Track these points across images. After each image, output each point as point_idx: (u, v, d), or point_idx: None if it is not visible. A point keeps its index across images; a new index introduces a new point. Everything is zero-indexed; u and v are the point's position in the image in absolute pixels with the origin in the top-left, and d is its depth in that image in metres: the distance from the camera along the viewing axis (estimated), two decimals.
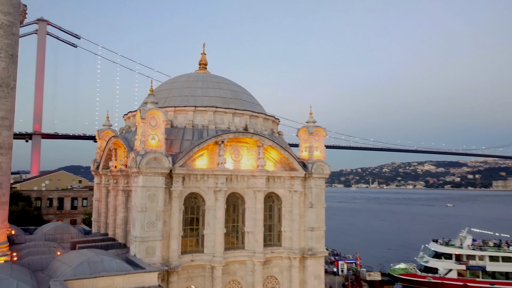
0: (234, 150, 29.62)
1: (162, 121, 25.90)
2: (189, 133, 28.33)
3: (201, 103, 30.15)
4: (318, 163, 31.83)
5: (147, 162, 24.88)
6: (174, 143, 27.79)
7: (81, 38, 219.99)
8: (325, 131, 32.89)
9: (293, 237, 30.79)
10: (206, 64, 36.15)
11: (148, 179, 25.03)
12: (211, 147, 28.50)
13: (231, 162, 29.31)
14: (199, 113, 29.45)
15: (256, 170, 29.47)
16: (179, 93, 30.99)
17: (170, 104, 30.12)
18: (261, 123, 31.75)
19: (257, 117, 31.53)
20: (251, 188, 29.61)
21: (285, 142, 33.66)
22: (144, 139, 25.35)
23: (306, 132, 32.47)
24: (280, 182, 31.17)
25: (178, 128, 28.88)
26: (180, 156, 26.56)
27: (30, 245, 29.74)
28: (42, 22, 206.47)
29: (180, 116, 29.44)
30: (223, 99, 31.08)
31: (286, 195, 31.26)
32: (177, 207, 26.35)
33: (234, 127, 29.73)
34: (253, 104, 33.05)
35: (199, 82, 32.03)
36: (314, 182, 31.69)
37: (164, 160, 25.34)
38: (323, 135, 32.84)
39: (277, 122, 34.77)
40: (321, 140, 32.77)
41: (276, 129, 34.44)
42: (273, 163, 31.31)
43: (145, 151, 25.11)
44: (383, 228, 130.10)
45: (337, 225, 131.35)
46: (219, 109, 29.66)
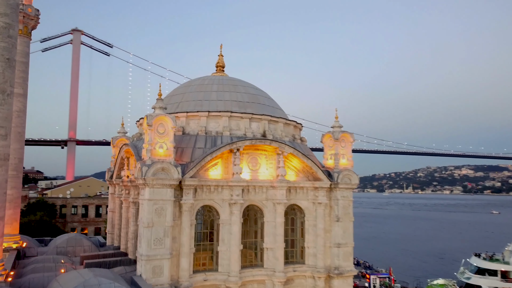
0: (251, 158, 27.12)
1: (171, 128, 23.76)
2: (202, 141, 26.07)
3: (216, 107, 27.87)
4: (345, 172, 28.81)
5: (154, 173, 22.78)
6: (185, 151, 25.60)
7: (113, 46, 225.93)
8: (352, 136, 29.83)
9: (318, 254, 27.86)
10: (223, 67, 33.94)
11: (155, 192, 22.92)
12: (225, 156, 26.14)
13: (248, 172, 26.82)
14: (213, 118, 27.17)
15: (275, 180, 26.86)
16: (192, 98, 28.87)
17: (182, 110, 28.03)
18: (281, 129, 29.11)
19: (276, 122, 28.93)
20: (270, 200, 27.01)
21: (308, 149, 30.85)
22: (151, 147, 23.28)
23: (331, 138, 29.54)
24: (303, 193, 28.38)
25: (190, 135, 26.70)
26: (190, 166, 24.33)
27: (38, 260, 28.33)
28: (76, 32, 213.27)
29: (193, 122, 27.27)
30: (239, 103, 28.69)
31: (309, 207, 28.42)
32: (187, 221, 24.07)
33: (251, 133, 27.25)
34: (273, 108, 30.46)
35: (214, 85, 29.81)
36: (340, 193, 28.69)
37: (173, 170, 23.16)
38: (350, 141, 29.79)
39: (300, 128, 32.01)
40: (348, 146, 29.72)
41: (299, 135, 31.69)
42: (294, 173, 28.56)
43: (152, 160, 23.02)
44: (419, 237, 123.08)
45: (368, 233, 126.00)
46: (234, 114, 27.28)
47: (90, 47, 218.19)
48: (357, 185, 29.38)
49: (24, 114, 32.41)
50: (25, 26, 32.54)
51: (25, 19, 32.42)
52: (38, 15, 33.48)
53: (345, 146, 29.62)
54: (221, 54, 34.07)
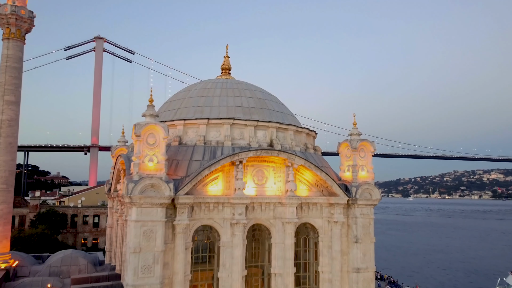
0: (257, 171, 23.96)
1: (163, 138, 20.89)
2: (199, 152, 23.10)
3: (217, 114, 24.90)
4: (365, 186, 25.27)
5: (142, 191, 19.92)
6: (180, 164, 22.68)
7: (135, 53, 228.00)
8: (373, 145, 26.26)
9: (334, 280, 24.38)
10: (229, 69, 31.01)
11: (143, 212, 20.03)
12: (227, 169, 23.08)
13: (253, 187, 23.68)
14: (213, 126, 24.18)
15: (284, 196, 23.62)
16: (192, 103, 26.00)
17: (180, 117, 25.20)
18: (292, 137, 25.85)
19: (286, 129, 25.71)
20: (278, 218, 23.76)
21: (322, 160, 27.45)
22: (139, 161, 20.45)
23: (348, 147, 26.05)
24: (316, 210, 25.00)
25: (187, 145, 23.78)
26: (185, 181, 21.35)
27: (26, 283, 25.93)
28: (99, 40, 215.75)
29: (191, 131, 24.37)
30: (244, 109, 25.63)
31: (324, 226, 24.99)
32: (182, 245, 21.06)
33: (256, 143, 24.13)
34: (283, 114, 27.25)
35: (217, 89, 26.87)
36: (359, 210, 25.16)
37: (164, 187, 20.23)
38: (370, 151, 26.23)
39: (313, 135, 28.65)
40: (368, 157, 26.16)
41: (312, 143, 28.33)
42: (307, 187, 25.23)
43: (140, 176, 20.18)
44: (448, 248, 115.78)
45: (393, 243, 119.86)
46: (237, 122, 24.22)
47: (112, 54, 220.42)
48: (378, 201, 25.78)
49: (16, 123, 30.23)
50: (17, 29, 30.48)
51: (18, 22, 30.36)
52: (32, 17, 31.38)
53: (364, 157, 26.08)
54: (227, 55, 31.16)
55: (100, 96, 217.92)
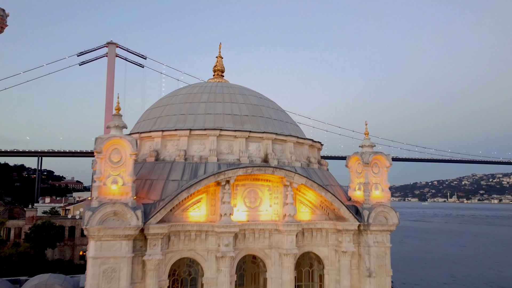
0: (249, 192, 20.07)
1: (130, 154, 17.16)
2: (178, 170, 19.26)
3: (202, 123, 21.08)
4: (379, 209, 21.11)
5: (102, 220, 16.20)
6: (155, 185, 18.89)
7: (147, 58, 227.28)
8: (388, 159, 22.07)
9: None
10: (222, 71, 27.22)
11: (103, 246, 16.31)
12: (211, 190, 19.24)
13: (244, 210, 19.79)
14: (197, 138, 20.36)
15: (281, 221, 19.68)
16: (174, 111, 22.24)
17: (158, 127, 21.47)
18: (291, 150, 21.87)
19: (284, 141, 21.75)
20: (275, 248, 19.80)
21: (329, 176, 23.36)
22: (99, 183, 16.74)
23: (359, 162, 21.93)
24: (321, 237, 20.96)
25: (164, 162, 19.98)
26: (159, 207, 17.56)
27: None
28: (111, 45, 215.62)
29: (170, 144, 20.60)
30: (234, 117, 21.75)
31: (330, 256, 20.91)
32: (154, 284, 17.22)
33: (247, 158, 20.21)
34: (281, 122, 23.29)
35: (204, 94, 23.07)
36: (373, 238, 21.01)
37: (130, 215, 16.47)
38: (385, 166, 22.04)
39: (318, 147, 24.59)
40: (382, 173, 21.98)
41: (316, 156, 24.28)
42: (309, 209, 21.21)
43: (100, 201, 16.46)
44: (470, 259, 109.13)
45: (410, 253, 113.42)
46: (225, 132, 20.35)
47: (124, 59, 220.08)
48: (396, 226, 21.59)
49: None
50: None
51: None
52: (3, 16, 28.17)
53: (378, 173, 21.91)
54: (220, 55, 27.37)
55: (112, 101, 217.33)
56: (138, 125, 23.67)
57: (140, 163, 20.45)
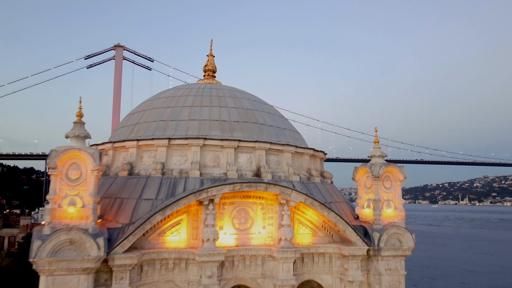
0: (238, 211, 17.12)
1: (91, 170, 14.30)
2: (153, 186, 16.35)
3: (184, 131, 18.16)
4: (392, 230, 18.00)
5: (54, 251, 13.37)
6: (125, 205, 16.01)
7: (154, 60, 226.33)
8: (402, 172, 18.93)
9: None
10: (214, 71, 24.34)
11: (56, 283, 13.43)
12: (193, 210, 16.33)
13: (232, 233, 16.86)
14: (177, 149, 17.46)
15: (276, 246, 16.72)
16: (154, 117, 19.36)
17: (134, 136, 18.62)
18: (289, 161, 18.86)
19: (280, 151, 18.75)
20: (269, 278, 16.83)
21: (333, 191, 20.30)
22: (53, 205, 13.92)
23: (368, 175, 18.84)
24: (324, 263, 17.94)
25: (140, 176, 17.11)
26: (127, 232, 14.68)
27: None
28: (119, 48, 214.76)
29: (147, 156, 17.72)
30: (223, 123, 18.80)
31: (335, 286, 17.87)
32: None
33: (236, 171, 17.24)
34: (278, 129, 20.28)
35: (190, 97, 20.16)
36: (385, 264, 17.91)
37: (90, 244, 13.61)
38: (399, 180, 18.91)
39: (321, 157, 21.51)
40: (395, 188, 18.85)
41: (319, 168, 21.22)
42: (310, 230, 18.19)
43: (53, 228, 13.63)
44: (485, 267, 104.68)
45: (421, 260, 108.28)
46: (210, 142, 17.42)
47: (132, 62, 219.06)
48: (411, 250, 18.46)
49: None
50: None
51: None
52: None
53: (391, 188, 18.79)
54: (211, 53, 24.48)
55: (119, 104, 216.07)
56: (115, 132, 20.89)
57: (112, 177, 17.64)
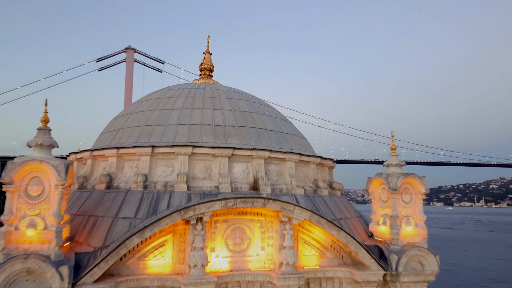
0: (233, 230, 14.79)
1: (55, 186, 12.12)
2: (133, 202, 14.09)
3: (171, 137, 15.90)
4: (412, 252, 15.47)
5: (8, 283, 11.21)
6: (99, 224, 13.80)
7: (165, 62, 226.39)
8: (423, 183, 16.36)
9: None
10: (211, 70, 22.10)
11: None
12: (180, 229, 14.06)
13: (225, 256, 14.54)
14: (162, 158, 15.20)
15: (277, 272, 14.33)
16: (139, 121, 17.15)
17: (114, 143, 16.44)
18: (292, 172, 16.44)
19: (282, 160, 16.35)
20: None
21: (343, 205, 17.81)
22: (9, 227, 11.76)
23: (383, 186, 16.33)
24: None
25: (119, 190, 14.89)
26: (98, 258, 12.45)
27: None
28: (129, 51, 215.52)
29: (128, 166, 15.50)
30: (216, 128, 16.49)
31: None
32: None
33: (229, 184, 14.90)
34: (280, 134, 17.88)
35: (180, 99, 17.90)
36: None
37: (50, 274, 11.41)
38: (420, 192, 16.35)
39: (329, 166, 19.00)
40: (416, 202, 16.31)
41: (327, 178, 18.72)
42: (316, 251, 15.76)
43: (7, 255, 11.47)
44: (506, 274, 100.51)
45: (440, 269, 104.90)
46: (200, 150, 15.11)
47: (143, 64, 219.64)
48: (435, 274, 15.88)
49: None
50: None
51: None
52: None
53: (410, 202, 16.24)
54: (208, 50, 22.25)
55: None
56: (98, 138, 18.76)
57: (89, 190, 15.48)
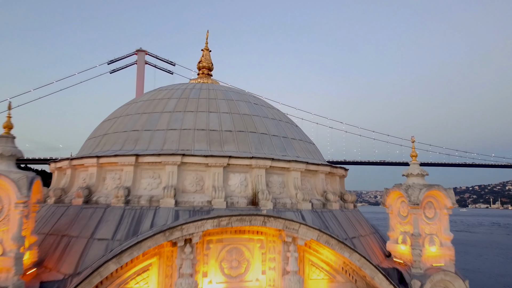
0: (229, 251, 12.80)
1: (15, 204, 10.31)
2: (112, 221, 12.20)
3: (159, 145, 13.99)
4: (438, 277, 13.29)
5: None
6: (72, 246, 11.93)
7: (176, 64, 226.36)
8: (450, 196, 14.17)
9: None
10: (209, 69, 20.21)
11: None
12: (167, 251, 12.12)
13: (220, 281, 12.56)
14: (147, 168, 13.29)
15: None
16: (125, 126, 15.28)
17: (97, 151, 14.61)
18: (297, 183, 14.37)
19: (286, 169, 14.29)
20: None
21: (357, 219, 15.69)
22: None
23: (403, 199, 14.18)
24: None
25: (96, 206, 13.02)
26: (71, 286, 10.60)
27: None
28: (141, 53, 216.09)
29: (110, 178, 13.62)
30: (211, 133, 14.53)
31: None
32: None
33: (224, 198, 12.90)
34: (285, 139, 15.83)
35: (172, 100, 15.98)
36: None
37: None
38: (445, 207, 14.16)
39: (340, 175, 16.82)
40: (441, 218, 14.12)
41: (338, 189, 16.56)
42: (326, 275, 13.66)
43: None
44: None
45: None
46: (191, 159, 13.15)
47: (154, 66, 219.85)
48: None
49: None
50: None
51: None
52: None
53: (434, 218, 14.06)
54: (207, 47, 20.36)
55: None
56: (83, 145, 16.97)
57: (67, 205, 13.67)
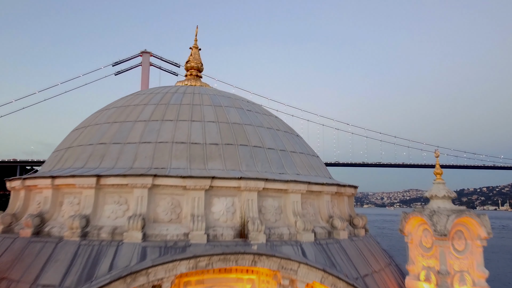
0: None
1: None
2: (62, 260, 9.71)
3: (129, 162, 11.49)
4: None
5: None
6: None
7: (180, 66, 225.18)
8: (485, 224, 11.52)
9: None
10: (199, 69, 17.69)
11: None
12: None
13: None
14: (112, 192, 10.80)
15: None
16: (92, 138, 12.80)
17: (53, 171, 12.18)
18: (297, 208, 11.80)
19: (284, 191, 11.73)
20: None
21: (369, 249, 13.08)
22: None
23: (425, 227, 11.56)
24: None
25: (46, 240, 10.56)
26: None
27: None
28: (145, 54, 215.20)
29: (68, 203, 11.17)
30: (193, 147, 12.00)
31: None
32: None
33: (203, 230, 10.34)
34: (283, 153, 13.26)
35: (149, 107, 13.47)
36: None
37: None
38: (478, 237, 11.52)
39: (349, 194, 14.13)
40: (474, 250, 11.48)
41: (346, 213, 13.90)
42: None
43: None
44: None
45: None
46: (164, 181, 10.62)
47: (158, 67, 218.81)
48: None
49: None
50: None
51: None
52: None
53: (466, 251, 11.42)
54: (196, 45, 17.87)
55: None
56: (48, 159, 14.53)
57: (14, 236, 11.24)
